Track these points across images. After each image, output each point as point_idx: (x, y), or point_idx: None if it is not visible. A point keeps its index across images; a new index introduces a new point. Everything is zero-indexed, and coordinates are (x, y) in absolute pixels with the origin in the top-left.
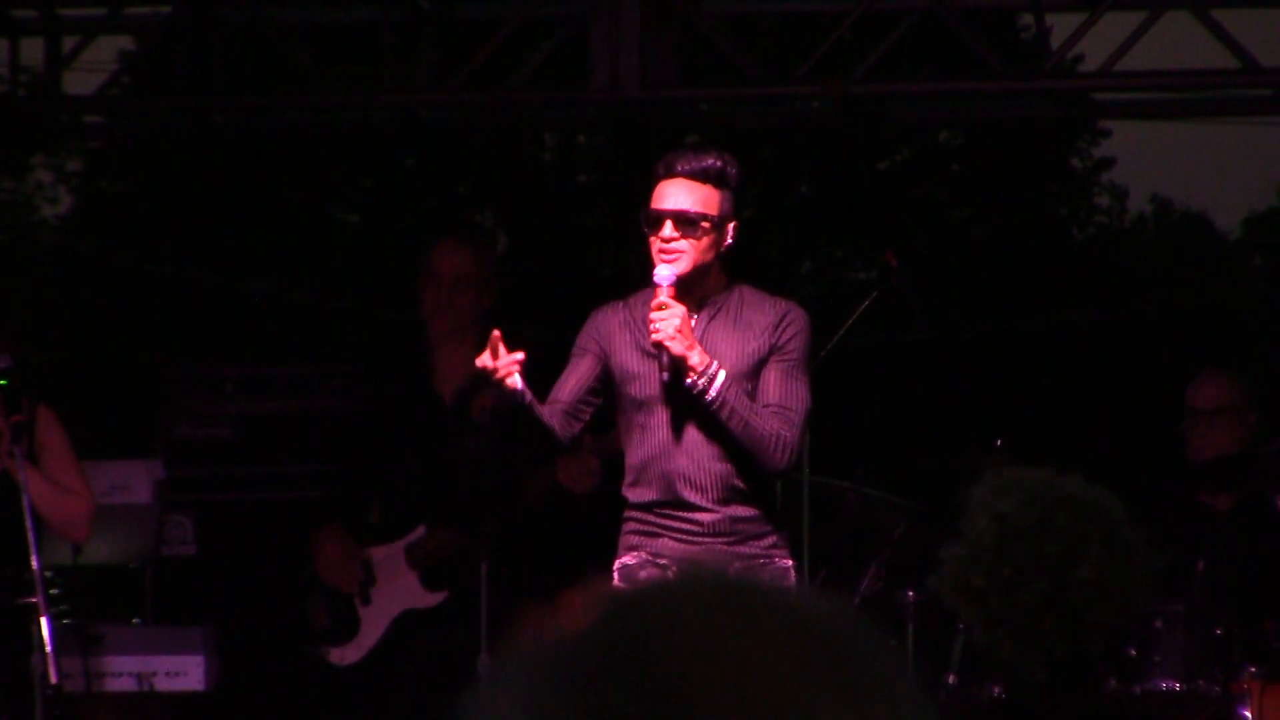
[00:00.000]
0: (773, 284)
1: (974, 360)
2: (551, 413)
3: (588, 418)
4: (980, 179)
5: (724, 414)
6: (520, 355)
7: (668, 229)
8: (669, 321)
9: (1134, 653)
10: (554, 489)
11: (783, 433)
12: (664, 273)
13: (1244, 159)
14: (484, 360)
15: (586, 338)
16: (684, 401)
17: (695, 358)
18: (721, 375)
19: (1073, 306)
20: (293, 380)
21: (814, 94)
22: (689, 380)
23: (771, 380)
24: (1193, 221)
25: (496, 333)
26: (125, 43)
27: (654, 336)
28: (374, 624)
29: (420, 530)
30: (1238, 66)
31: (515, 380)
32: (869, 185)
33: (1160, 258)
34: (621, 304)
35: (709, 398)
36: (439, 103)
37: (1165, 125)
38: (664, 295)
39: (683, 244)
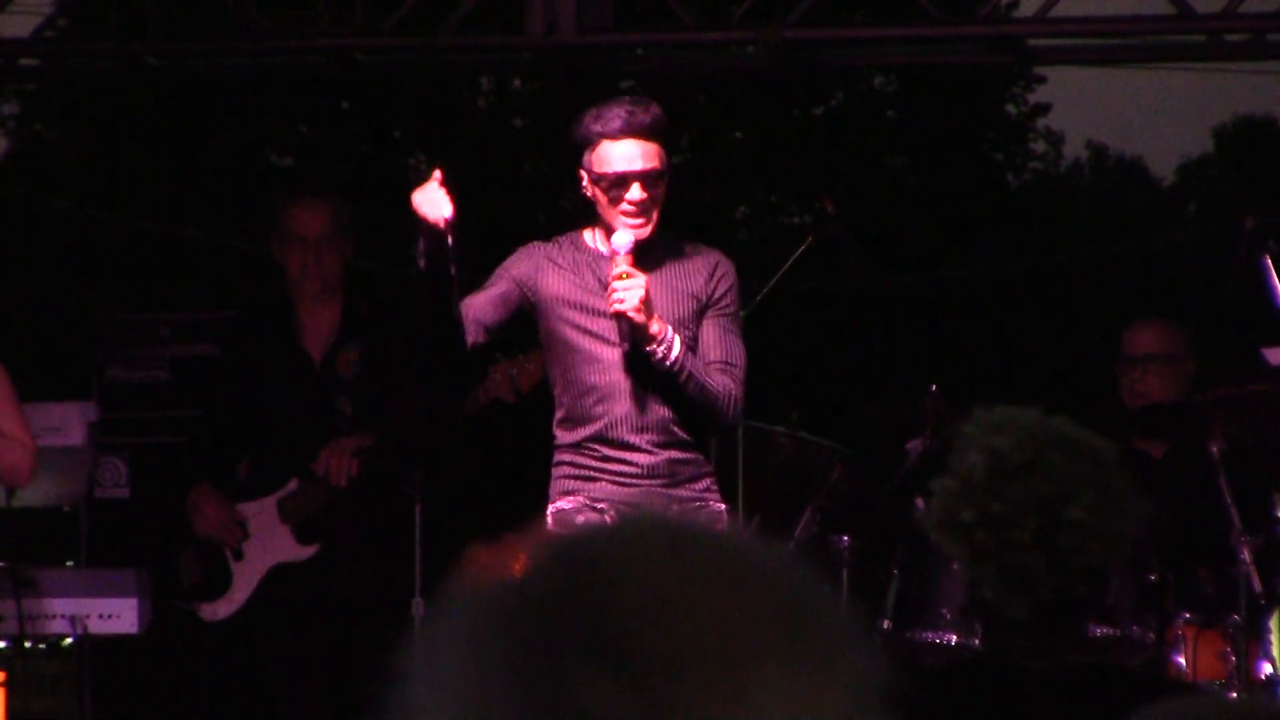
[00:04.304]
0: (707, 229)
1: (909, 306)
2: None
3: (484, 337)
4: (915, 125)
5: (681, 378)
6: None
7: (635, 190)
8: (634, 292)
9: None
10: (494, 401)
11: (732, 389)
12: (624, 239)
13: (1179, 105)
14: (417, 196)
15: (513, 265)
16: (624, 346)
17: (656, 326)
18: (677, 341)
19: (1008, 252)
20: (226, 324)
21: (749, 39)
22: (648, 349)
23: (711, 336)
24: (1128, 168)
25: (439, 173)
26: None
27: (618, 307)
28: (246, 579)
29: (293, 484)
30: (1173, 12)
31: (447, 210)
32: (804, 131)
33: (1096, 204)
34: (552, 242)
35: (667, 364)
36: (374, 47)
37: (1101, 71)
38: (624, 263)
39: (650, 203)
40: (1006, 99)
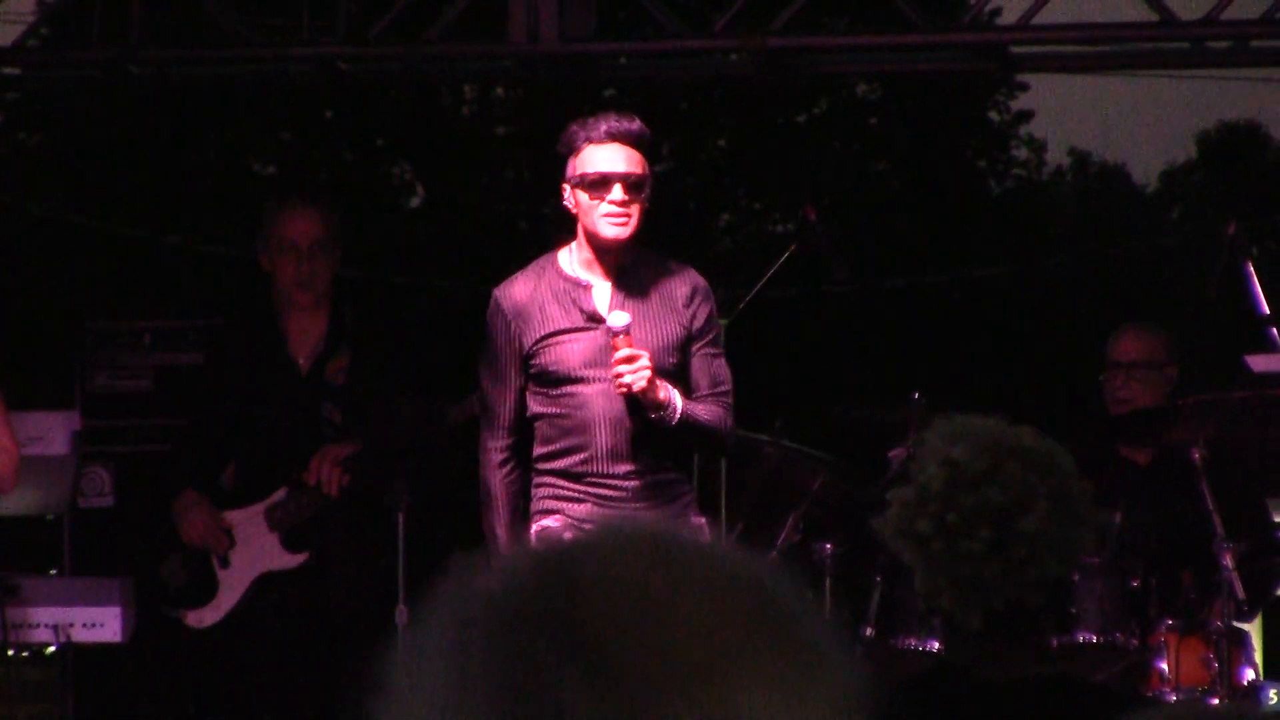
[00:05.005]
0: (690, 237)
1: (893, 313)
2: (511, 459)
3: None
4: (898, 132)
5: (685, 430)
6: None
7: (618, 191)
8: (640, 374)
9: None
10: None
11: (725, 418)
12: (620, 321)
13: (1162, 112)
14: None
15: (499, 334)
16: (607, 377)
17: (662, 394)
18: (678, 399)
19: (991, 259)
20: (211, 332)
21: (732, 47)
22: (655, 416)
23: (698, 369)
24: (1111, 174)
25: None
26: None
27: (626, 390)
28: (233, 586)
29: (281, 492)
30: (1155, 20)
31: None
32: (787, 138)
33: (1078, 210)
34: (530, 275)
35: (674, 423)
36: (357, 55)
37: (1083, 78)
38: (624, 345)
39: (631, 208)
40: (989, 106)
